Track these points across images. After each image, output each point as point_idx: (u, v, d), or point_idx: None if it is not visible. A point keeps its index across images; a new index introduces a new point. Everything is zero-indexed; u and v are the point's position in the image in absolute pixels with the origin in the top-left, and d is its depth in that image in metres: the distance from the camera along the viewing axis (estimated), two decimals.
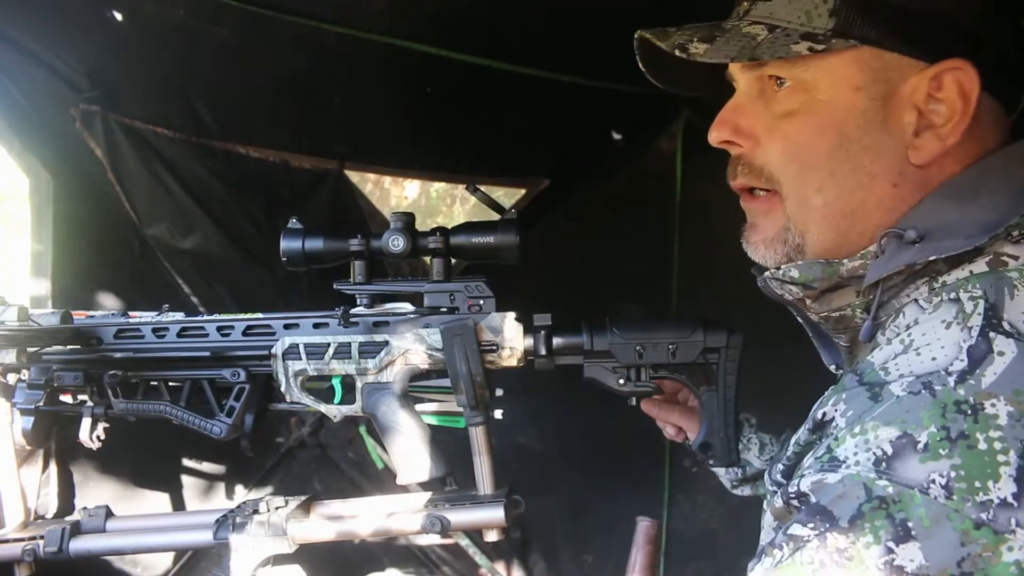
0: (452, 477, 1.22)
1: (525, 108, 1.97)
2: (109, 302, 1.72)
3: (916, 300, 0.73)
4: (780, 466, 0.77)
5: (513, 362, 1.19)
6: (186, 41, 1.61)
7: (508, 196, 2.39)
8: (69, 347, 1.24)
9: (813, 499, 0.62)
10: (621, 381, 1.19)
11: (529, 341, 1.19)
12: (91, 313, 1.32)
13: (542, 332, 1.19)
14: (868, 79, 0.75)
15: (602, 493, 2.32)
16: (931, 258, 0.69)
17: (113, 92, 1.64)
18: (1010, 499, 0.56)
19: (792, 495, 0.65)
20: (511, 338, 1.18)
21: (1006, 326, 0.62)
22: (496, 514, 1.16)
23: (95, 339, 1.24)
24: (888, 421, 0.61)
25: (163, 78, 1.70)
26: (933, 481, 0.57)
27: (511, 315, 1.19)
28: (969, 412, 0.59)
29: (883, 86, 0.74)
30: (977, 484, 0.56)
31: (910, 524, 0.56)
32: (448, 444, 1.25)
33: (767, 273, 0.82)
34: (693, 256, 2.23)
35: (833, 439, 0.65)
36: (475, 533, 2.11)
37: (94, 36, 1.57)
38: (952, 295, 0.67)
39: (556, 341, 1.19)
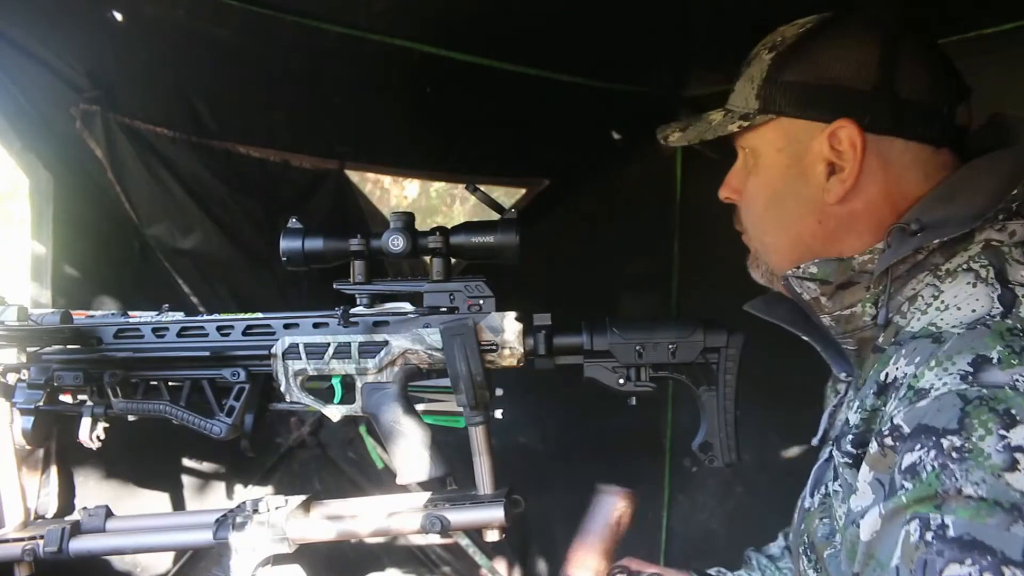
0: (452, 477, 1.22)
1: (525, 108, 1.97)
2: (109, 302, 1.72)
3: (929, 284, 0.84)
4: (849, 437, 0.83)
5: (513, 362, 1.19)
6: (186, 41, 1.61)
7: (508, 196, 2.39)
8: (69, 347, 1.24)
9: (910, 427, 0.70)
10: (621, 381, 1.19)
11: (529, 341, 1.19)
12: (91, 313, 1.32)
13: (542, 332, 1.19)
14: (784, 142, 0.92)
15: None
16: (934, 241, 0.81)
17: (113, 92, 1.64)
18: None
19: (886, 435, 0.72)
20: (511, 338, 1.18)
21: (1014, 282, 0.76)
22: (496, 514, 1.16)
23: (95, 339, 1.24)
24: (960, 350, 0.71)
25: (163, 78, 1.70)
26: (1018, 379, 0.67)
27: (511, 315, 1.19)
28: (1022, 334, 0.70)
29: (797, 146, 0.92)
30: None
31: (1013, 411, 0.65)
32: (448, 444, 1.25)
33: (789, 271, 0.93)
34: (693, 256, 2.23)
35: (911, 380, 0.74)
36: (475, 533, 2.11)
37: (94, 36, 1.57)
38: (965, 266, 0.81)
39: (556, 341, 1.19)
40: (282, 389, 1.22)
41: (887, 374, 0.79)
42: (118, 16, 1.52)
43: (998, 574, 0.58)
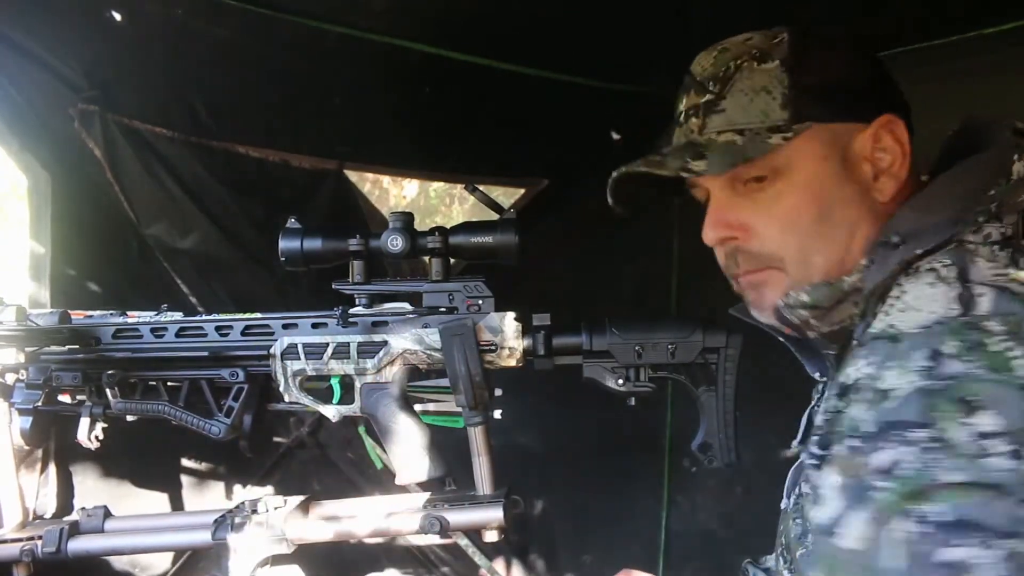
0: (451, 477, 1.22)
1: (525, 108, 1.97)
2: (107, 302, 1.72)
3: (897, 283, 0.83)
4: (815, 439, 0.81)
5: (512, 362, 1.18)
6: (186, 41, 1.61)
7: (507, 196, 2.39)
8: (67, 347, 1.24)
9: (877, 426, 0.70)
10: (620, 381, 1.18)
11: (528, 341, 1.19)
12: (89, 313, 1.32)
13: (541, 332, 1.19)
14: (827, 148, 0.89)
15: (602, 493, 2.32)
16: (917, 252, 0.81)
17: (112, 92, 1.64)
18: None
19: (850, 436, 0.72)
20: (510, 338, 1.17)
21: (974, 281, 0.76)
22: (495, 514, 1.16)
23: (93, 339, 1.23)
24: (916, 347, 0.72)
25: (162, 78, 1.69)
26: (972, 369, 0.68)
27: (510, 315, 1.19)
28: (976, 329, 0.71)
29: (838, 150, 0.89)
30: (1005, 369, 0.67)
31: (974, 398, 0.66)
32: (448, 444, 1.25)
33: (779, 302, 0.91)
34: (693, 256, 2.22)
35: (872, 382, 0.73)
36: (474, 533, 2.11)
37: (93, 36, 1.57)
38: (927, 267, 0.80)
39: (555, 341, 1.19)
40: (281, 389, 1.22)
41: (848, 375, 0.78)
42: (117, 16, 1.51)
43: (986, 548, 0.60)
